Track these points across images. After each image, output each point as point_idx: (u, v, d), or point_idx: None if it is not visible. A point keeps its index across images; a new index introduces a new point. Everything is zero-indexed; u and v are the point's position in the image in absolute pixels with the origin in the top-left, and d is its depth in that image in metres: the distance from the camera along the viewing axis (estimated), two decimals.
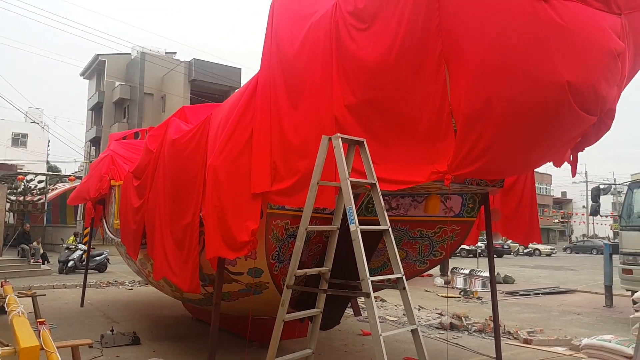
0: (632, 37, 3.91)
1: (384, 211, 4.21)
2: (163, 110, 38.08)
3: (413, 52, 4.04)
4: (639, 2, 3.91)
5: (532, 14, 3.52)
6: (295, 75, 5.16)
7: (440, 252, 7.42)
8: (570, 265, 29.86)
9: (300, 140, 4.90)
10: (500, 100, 3.70)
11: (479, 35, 3.69)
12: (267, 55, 5.63)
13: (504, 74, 3.65)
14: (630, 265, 10.21)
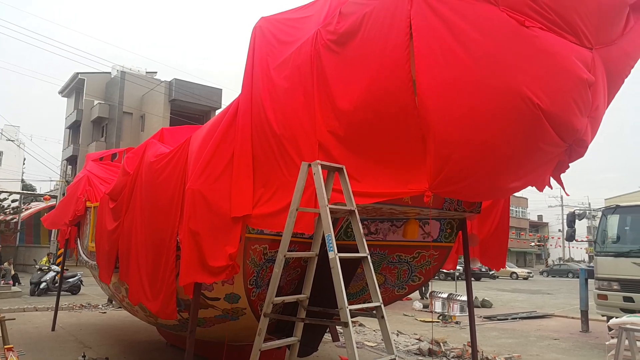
0: (601, 72, 4.03)
1: (362, 238, 4.21)
2: (142, 130, 37.79)
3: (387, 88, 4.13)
4: (608, 39, 4.04)
5: (512, 35, 3.61)
6: (278, 100, 5.18)
7: (419, 277, 7.43)
8: (547, 289, 30.15)
9: (284, 165, 4.92)
10: (475, 125, 3.78)
11: (452, 59, 3.77)
12: (248, 79, 5.65)
13: (478, 96, 3.73)
14: (605, 290, 10.34)
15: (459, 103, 3.80)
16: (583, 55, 3.84)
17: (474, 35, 3.71)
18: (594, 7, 3.90)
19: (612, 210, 11.09)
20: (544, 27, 3.65)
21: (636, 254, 9.88)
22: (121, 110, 37.70)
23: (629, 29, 4.31)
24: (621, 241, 10.68)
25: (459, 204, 6.57)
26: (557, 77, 3.69)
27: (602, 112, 4.33)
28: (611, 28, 4.09)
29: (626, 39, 4.30)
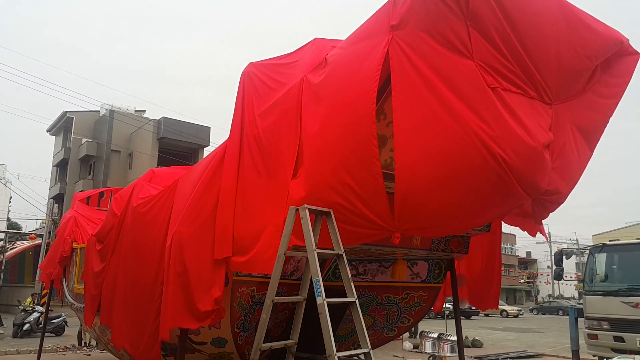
0: (562, 124, 4.34)
1: (350, 282, 4.20)
2: (130, 168, 37.69)
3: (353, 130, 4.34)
4: (565, 96, 4.33)
5: (481, 95, 3.86)
6: (263, 145, 5.25)
7: (408, 319, 7.38)
8: (538, 327, 29.91)
9: (270, 209, 4.94)
10: (442, 172, 3.99)
11: (424, 107, 4.01)
12: (236, 124, 5.72)
13: (447, 145, 3.94)
14: (595, 330, 10.28)
15: (429, 148, 4.00)
16: (544, 111, 4.14)
17: (446, 93, 3.91)
18: (555, 66, 4.20)
19: (599, 249, 11.15)
20: (510, 84, 3.91)
21: (625, 292, 9.88)
22: (109, 149, 37.66)
23: (594, 81, 4.58)
24: (609, 280, 10.70)
25: (447, 245, 6.61)
26: (518, 139, 3.90)
27: (573, 159, 4.57)
28: (572, 85, 4.39)
29: (590, 92, 4.61)
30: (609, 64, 4.79)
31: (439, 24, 3.94)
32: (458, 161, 3.94)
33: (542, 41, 4.15)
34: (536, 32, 4.11)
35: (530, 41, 4.04)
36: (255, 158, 5.24)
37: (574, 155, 4.60)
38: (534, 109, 4.06)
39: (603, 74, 4.74)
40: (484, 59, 3.88)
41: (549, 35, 4.19)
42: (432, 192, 4.06)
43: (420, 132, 4.01)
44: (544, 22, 4.16)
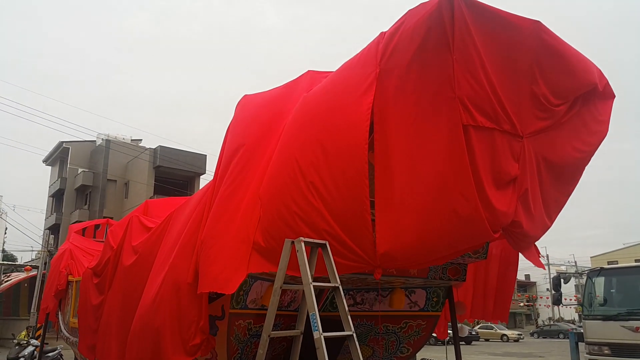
0: (531, 157, 4.53)
1: (347, 315, 4.17)
2: (126, 197, 37.68)
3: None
4: (535, 129, 4.52)
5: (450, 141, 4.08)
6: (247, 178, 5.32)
7: (407, 349, 7.32)
8: (538, 351, 29.59)
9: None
10: (422, 213, 4.23)
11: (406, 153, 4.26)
12: (228, 155, 5.79)
13: (426, 188, 4.19)
14: (596, 355, 10.19)
15: (406, 186, 4.23)
16: (517, 145, 4.35)
17: (427, 149, 4.18)
18: (528, 101, 4.42)
19: (597, 273, 11.13)
20: (485, 117, 4.11)
21: (624, 317, 9.83)
22: (105, 178, 37.70)
23: (573, 113, 4.72)
24: (608, 304, 10.65)
25: (444, 273, 6.59)
26: (487, 182, 4.19)
27: (536, 192, 4.74)
28: (545, 119, 4.56)
29: (568, 125, 4.77)
30: (587, 102, 4.95)
31: (428, 62, 4.08)
32: (435, 199, 4.16)
33: (517, 75, 4.34)
34: (511, 66, 4.29)
35: (505, 75, 4.23)
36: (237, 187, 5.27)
37: (541, 188, 4.80)
38: (504, 143, 4.26)
39: (582, 111, 4.90)
40: (464, 93, 4.04)
41: (523, 69, 4.36)
42: (412, 225, 4.25)
43: (398, 168, 4.23)
44: (520, 57, 4.33)
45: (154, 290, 5.54)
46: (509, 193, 4.37)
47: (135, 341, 5.68)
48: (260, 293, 5.61)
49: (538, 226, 4.99)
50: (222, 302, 5.32)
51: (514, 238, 4.84)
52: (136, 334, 5.70)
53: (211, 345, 5.01)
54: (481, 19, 4.08)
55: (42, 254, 28.29)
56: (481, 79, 4.07)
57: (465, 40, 3.99)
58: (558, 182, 5.05)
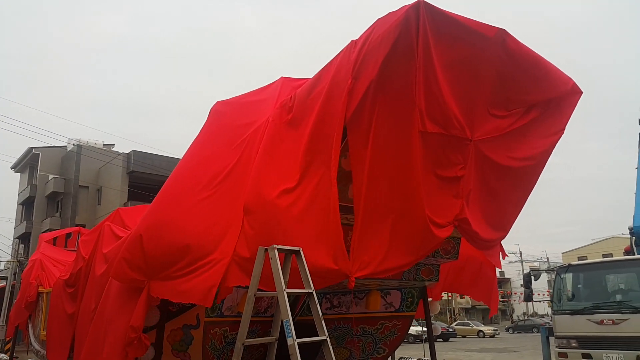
0: (477, 159, 4.77)
1: (321, 320, 4.23)
2: (99, 203, 37.03)
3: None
4: (487, 134, 4.76)
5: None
6: (215, 182, 5.38)
7: (384, 349, 7.42)
8: (513, 346, 30.13)
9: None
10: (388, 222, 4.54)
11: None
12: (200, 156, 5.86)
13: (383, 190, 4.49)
14: (564, 348, 10.43)
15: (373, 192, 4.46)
16: (465, 147, 4.63)
17: (391, 156, 4.47)
18: (483, 108, 4.67)
19: (565, 269, 11.39)
20: (435, 124, 4.38)
21: (590, 310, 10.11)
22: (77, 185, 36.97)
23: (529, 119, 4.91)
24: (576, 299, 10.90)
25: (418, 274, 6.71)
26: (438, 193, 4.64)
27: (484, 193, 5.04)
28: (496, 122, 4.82)
29: (522, 130, 5.04)
30: (546, 109, 5.14)
31: (395, 71, 4.23)
32: (398, 205, 4.50)
33: (475, 82, 4.56)
34: (470, 73, 4.51)
35: (462, 83, 4.47)
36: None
37: (491, 189, 5.10)
38: (451, 146, 4.56)
39: (539, 117, 5.09)
40: (420, 103, 4.27)
41: (483, 76, 4.58)
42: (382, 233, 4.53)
43: (370, 174, 4.43)
44: (481, 64, 4.53)
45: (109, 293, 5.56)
46: (453, 192, 4.70)
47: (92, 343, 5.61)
48: (237, 300, 5.63)
49: (490, 227, 5.24)
50: (197, 311, 5.32)
51: (467, 236, 5.09)
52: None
53: (144, 347, 4.96)
54: (443, 29, 4.21)
55: (11, 264, 27.62)
56: (434, 88, 4.26)
57: (426, 49, 4.12)
58: (510, 185, 5.29)
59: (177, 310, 5.43)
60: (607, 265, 11.82)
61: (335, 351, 6.73)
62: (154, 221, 5.11)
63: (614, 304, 10.10)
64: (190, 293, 4.67)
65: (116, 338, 4.94)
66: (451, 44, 4.29)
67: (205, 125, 6.19)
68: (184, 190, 5.39)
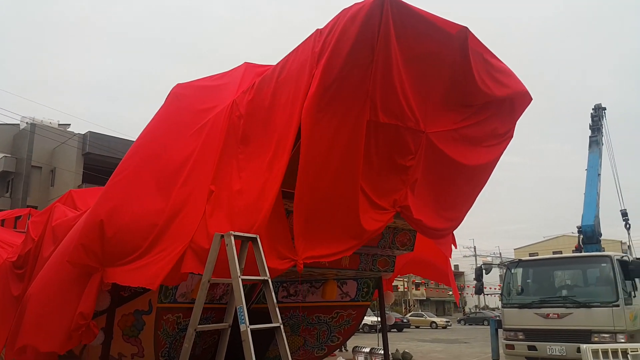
0: (428, 151, 4.95)
1: (275, 308, 4.24)
2: (52, 185, 35.85)
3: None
4: (442, 128, 4.95)
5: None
6: (173, 165, 5.30)
7: (338, 337, 7.52)
8: (464, 337, 30.94)
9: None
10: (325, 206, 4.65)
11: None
12: (153, 137, 5.78)
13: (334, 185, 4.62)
14: (512, 340, 10.81)
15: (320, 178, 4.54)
16: (417, 138, 4.79)
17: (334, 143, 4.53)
18: (439, 103, 4.85)
19: (516, 264, 11.78)
20: (388, 116, 4.52)
21: (537, 305, 10.48)
22: (29, 165, 35.68)
23: (484, 118, 5.06)
24: (525, 293, 11.30)
25: (374, 264, 6.81)
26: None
27: (431, 183, 5.24)
28: (450, 117, 5.02)
29: (477, 127, 5.24)
30: (500, 109, 5.29)
31: (352, 67, 4.27)
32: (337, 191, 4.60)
33: (434, 78, 4.71)
34: (430, 68, 4.65)
35: (421, 77, 4.60)
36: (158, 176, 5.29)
37: (439, 181, 5.30)
38: (405, 137, 4.72)
39: (492, 117, 5.24)
40: (374, 94, 4.39)
41: (443, 72, 4.72)
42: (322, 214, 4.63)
43: (319, 160, 4.49)
44: (442, 61, 4.68)
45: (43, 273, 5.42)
46: (400, 179, 4.89)
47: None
48: (191, 287, 5.58)
49: (438, 216, 5.44)
50: (150, 296, 5.25)
51: (411, 223, 5.26)
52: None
53: (93, 334, 4.88)
54: (407, 23, 4.26)
55: None
56: (393, 81, 4.34)
57: (387, 43, 4.16)
58: (461, 179, 5.48)
59: (129, 295, 5.34)
60: (555, 262, 12.32)
61: (290, 339, 6.77)
62: (114, 206, 4.99)
63: (559, 299, 10.51)
64: (139, 277, 4.60)
65: (61, 322, 4.79)
66: (414, 38, 4.35)
67: (163, 107, 6.07)
68: (145, 175, 5.29)
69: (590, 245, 13.09)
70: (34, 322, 4.96)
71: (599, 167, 14.68)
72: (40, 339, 4.90)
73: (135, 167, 5.49)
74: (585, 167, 14.79)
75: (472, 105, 5.00)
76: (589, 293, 10.50)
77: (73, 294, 4.85)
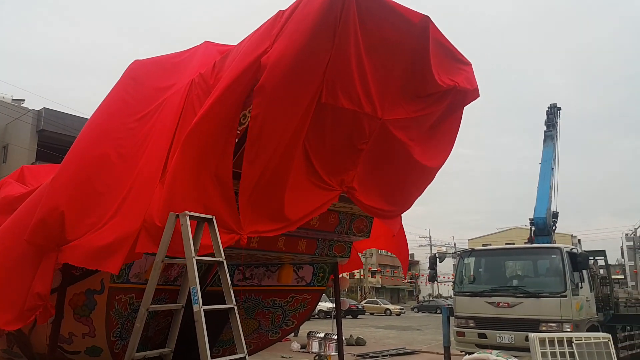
0: (378, 136, 5.01)
1: (230, 289, 4.24)
2: (4, 162, 34.53)
3: None
4: (398, 116, 5.01)
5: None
6: (129, 142, 5.20)
7: (292, 321, 7.58)
8: (417, 324, 31.67)
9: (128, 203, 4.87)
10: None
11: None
12: (103, 114, 5.65)
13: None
14: (462, 328, 11.14)
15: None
16: (368, 124, 4.85)
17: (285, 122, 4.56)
18: (397, 90, 4.92)
19: (469, 254, 12.11)
20: (348, 100, 4.56)
21: (489, 293, 10.81)
22: None
23: (438, 109, 5.18)
24: (476, 282, 11.64)
25: (331, 249, 6.89)
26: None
27: (382, 168, 5.38)
28: (406, 105, 5.09)
29: (431, 117, 5.37)
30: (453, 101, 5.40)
31: (308, 50, 4.25)
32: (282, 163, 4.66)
33: (394, 65, 4.75)
34: (391, 56, 4.69)
35: (380, 64, 4.63)
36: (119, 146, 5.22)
37: (390, 165, 5.43)
38: (361, 122, 4.80)
39: (446, 109, 5.35)
40: (334, 78, 4.41)
41: (403, 60, 4.77)
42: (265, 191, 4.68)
43: (263, 141, 4.49)
44: (402, 49, 4.72)
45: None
46: (350, 161, 5.04)
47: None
48: (145, 267, 5.51)
49: (382, 199, 5.60)
50: (102, 276, 5.16)
51: (356, 202, 5.40)
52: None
53: (49, 314, 4.80)
54: (370, 8, 4.28)
55: None
56: (353, 67, 4.37)
57: (349, 28, 4.18)
58: (410, 166, 5.57)
59: (80, 274, 5.23)
60: (507, 252, 12.70)
61: (245, 322, 6.79)
62: (73, 186, 4.87)
63: (510, 288, 10.86)
64: (97, 259, 4.50)
65: (12, 299, 4.67)
66: (377, 24, 4.37)
67: (119, 83, 5.91)
68: (104, 151, 5.13)
69: (541, 237, 13.45)
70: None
71: (552, 161, 15.12)
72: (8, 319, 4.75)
73: (92, 143, 5.35)
74: (539, 161, 15.25)
75: (428, 95, 5.07)
76: (538, 283, 10.88)
77: (26, 271, 4.71)
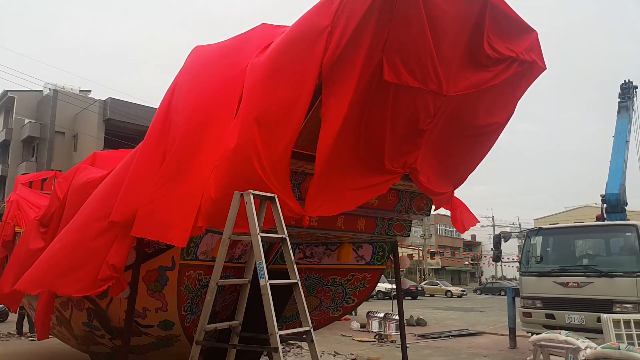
0: (446, 114, 4.94)
1: (293, 265, 4.34)
2: (74, 150, 36.53)
3: None
4: (462, 89, 4.85)
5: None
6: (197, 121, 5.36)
7: (353, 299, 7.65)
8: (480, 306, 31.16)
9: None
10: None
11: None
12: (166, 101, 5.84)
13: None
14: (529, 308, 10.89)
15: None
16: (433, 102, 4.72)
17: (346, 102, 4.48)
18: (463, 61, 4.78)
19: (536, 232, 11.75)
20: (412, 77, 4.43)
21: (557, 273, 10.49)
22: (53, 130, 36.34)
23: (501, 79, 5.08)
24: (544, 261, 11.29)
25: (390, 228, 6.87)
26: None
27: (442, 147, 5.34)
28: (469, 78, 4.93)
29: (493, 90, 5.13)
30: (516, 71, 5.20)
31: (365, 25, 4.18)
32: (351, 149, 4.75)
33: (459, 36, 4.61)
34: (455, 27, 4.54)
35: (446, 37, 4.47)
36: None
37: (450, 144, 5.39)
38: (426, 101, 4.67)
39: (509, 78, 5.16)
40: (396, 53, 4.30)
41: (467, 29, 4.63)
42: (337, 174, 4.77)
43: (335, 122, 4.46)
44: (466, 17, 4.58)
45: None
46: (415, 142, 4.97)
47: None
48: (211, 245, 5.71)
49: (441, 179, 5.60)
50: (173, 253, 5.39)
51: (416, 183, 5.37)
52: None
53: (122, 287, 5.06)
54: None
55: None
56: (417, 42, 4.25)
57: (409, 10, 4.08)
58: (469, 144, 5.53)
59: (153, 252, 5.50)
60: (576, 230, 12.21)
61: (306, 300, 6.91)
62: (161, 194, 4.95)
63: (580, 268, 10.48)
64: (168, 234, 4.70)
65: (87, 269, 4.96)
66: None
67: (184, 68, 6.08)
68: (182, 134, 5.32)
69: (614, 214, 12.80)
70: (56, 270, 5.16)
71: (627, 133, 14.20)
72: (60, 284, 5.13)
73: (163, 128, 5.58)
74: (613, 134, 14.40)
75: (489, 66, 4.91)
76: (611, 262, 10.44)
77: (101, 247, 4.99)
